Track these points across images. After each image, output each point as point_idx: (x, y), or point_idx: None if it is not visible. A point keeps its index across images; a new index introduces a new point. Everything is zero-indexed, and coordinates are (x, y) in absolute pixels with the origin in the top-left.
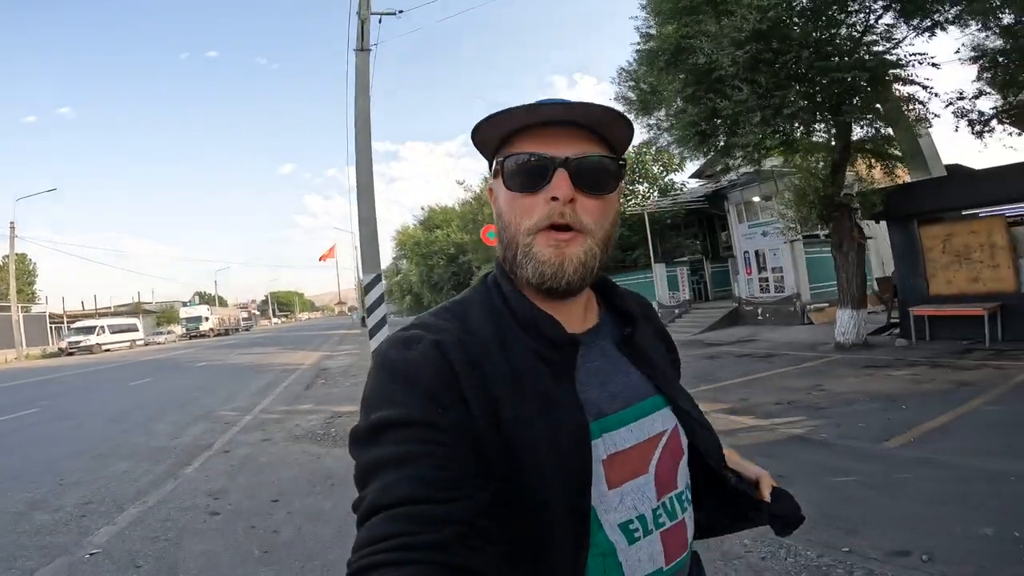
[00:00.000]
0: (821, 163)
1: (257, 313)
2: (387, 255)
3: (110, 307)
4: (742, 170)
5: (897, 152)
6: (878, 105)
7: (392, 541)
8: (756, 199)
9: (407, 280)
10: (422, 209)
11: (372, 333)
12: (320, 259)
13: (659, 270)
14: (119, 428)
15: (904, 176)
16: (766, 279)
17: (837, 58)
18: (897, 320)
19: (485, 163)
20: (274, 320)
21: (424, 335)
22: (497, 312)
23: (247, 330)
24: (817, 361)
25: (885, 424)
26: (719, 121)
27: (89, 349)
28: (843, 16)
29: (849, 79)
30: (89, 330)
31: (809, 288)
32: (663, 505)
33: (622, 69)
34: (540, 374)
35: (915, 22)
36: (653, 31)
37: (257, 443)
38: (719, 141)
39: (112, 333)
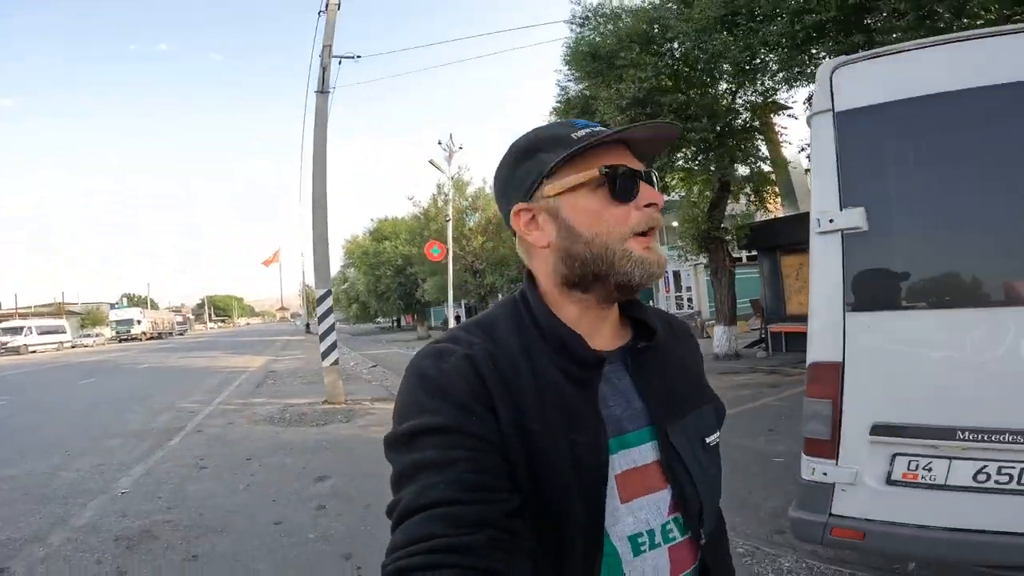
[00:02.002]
0: (701, 202)
1: (192, 317)
2: (336, 263)
3: (31, 307)
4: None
5: (775, 190)
6: (757, 147)
7: (428, 543)
8: (675, 224)
9: (354, 289)
10: (372, 220)
11: (323, 337)
12: (263, 264)
13: None
14: (94, 417)
15: (779, 211)
16: (680, 297)
17: (705, 119)
18: (764, 335)
19: (429, 180)
20: (210, 325)
21: (456, 348)
22: (524, 328)
23: (181, 334)
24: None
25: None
26: None
27: (16, 350)
28: (708, 80)
29: (711, 136)
30: (16, 331)
31: (709, 306)
32: (675, 520)
33: (548, 112)
34: (564, 389)
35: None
36: (571, 86)
37: (224, 425)
38: None
39: (39, 334)
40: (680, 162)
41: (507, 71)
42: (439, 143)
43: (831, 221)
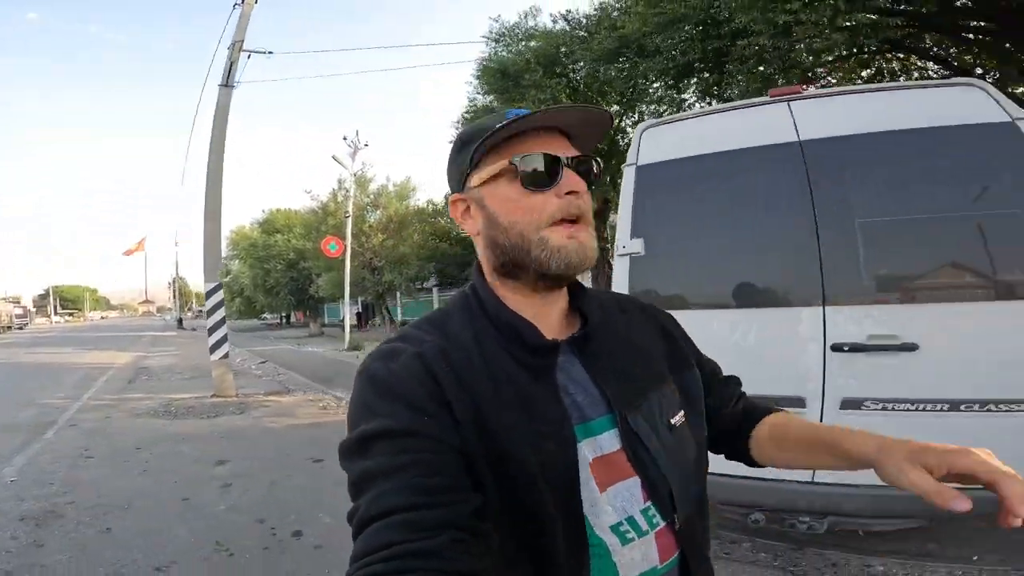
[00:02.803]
0: None
1: (33, 310)
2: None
3: None
4: None
5: None
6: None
7: (388, 550)
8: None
9: (238, 282)
10: (263, 211)
11: (212, 331)
12: (125, 253)
13: None
14: None
15: None
16: None
17: None
18: None
19: (328, 177)
20: (55, 319)
21: (406, 347)
22: (476, 319)
23: (21, 328)
24: None
25: None
26: None
27: None
28: (600, 102)
29: (597, 156)
30: None
31: None
32: (654, 505)
33: (458, 120)
34: (521, 380)
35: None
36: (479, 99)
37: (101, 419)
38: None
39: None
40: None
41: (428, 78)
42: (344, 139)
43: (624, 247)
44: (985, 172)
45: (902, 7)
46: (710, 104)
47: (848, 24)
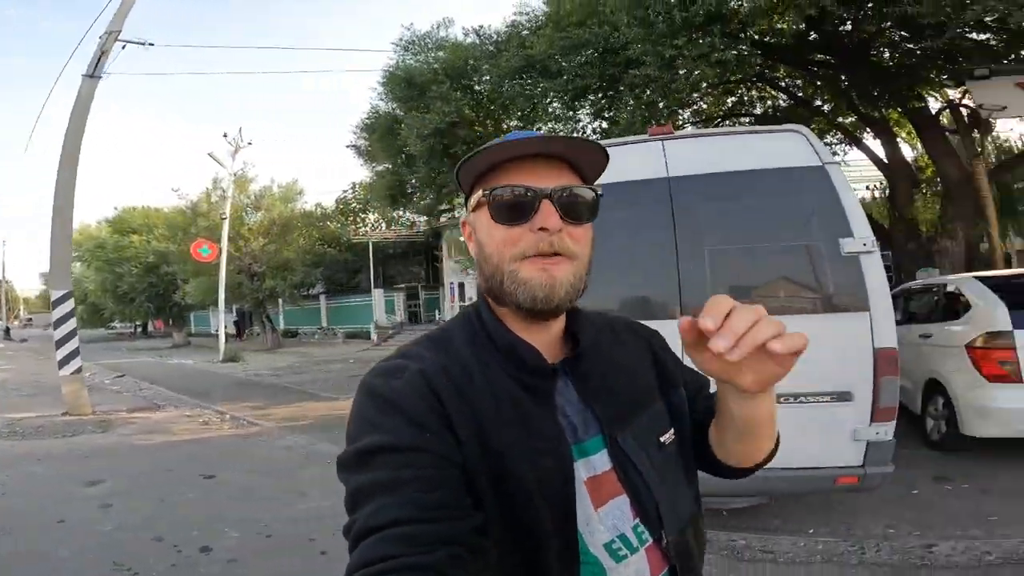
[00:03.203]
0: None
1: None
2: None
3: None
4: (446, 215)
5: None
6: None
7: (383, 564)
8: (462, 238)
9: (81, 287)
10: (116, 209)
11: (61, 344)
12: None
13: (378, 295)
14: None
15: None
16: (465, 306)
17: None
18: None
19: (205, 172)
20: None
21: (408, 364)
22: (478, 340)
23: None
24: None
25: None
26: (407, 188)
27: None
28: (503, 117)
29: None
30: None
31: None
32: (643, 523)
33: (357, 123)
34: (520, 399)
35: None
36: (382, 105)
37: None
38: (410, 201)
39: None
40: None
41: (328, 79)
42: (225, 136)
43: None
44: (802, 208)
45: (766, 39)
46: (601, 124)
47: (720, 58)
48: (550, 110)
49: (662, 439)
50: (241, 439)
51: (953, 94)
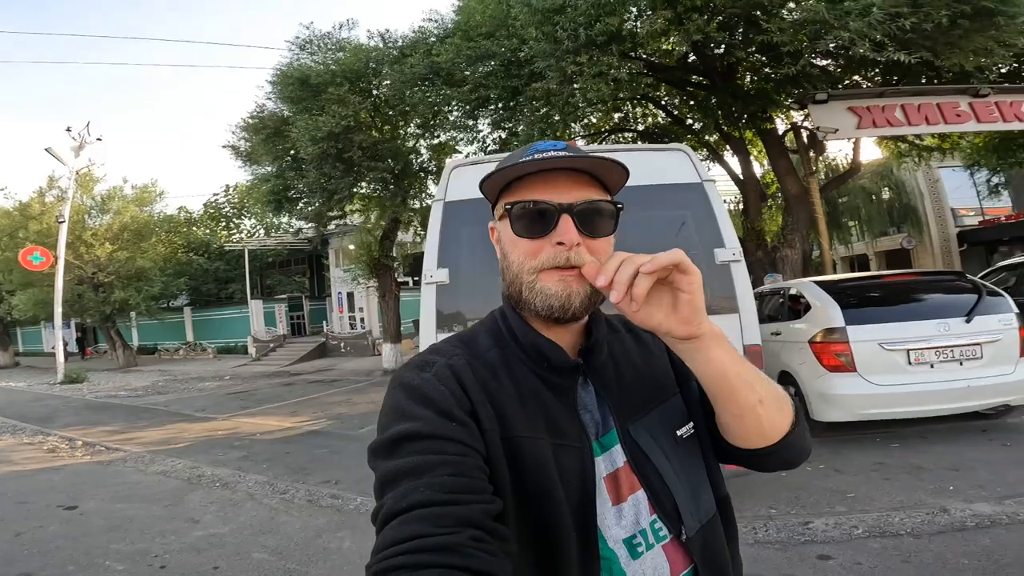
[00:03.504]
0: (375, 230)
1: None
2: None
3: None
4: (335, 222)
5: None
6: (427, 187)
7: (411, 543)
8: (352, 247)
9: None
10: None
11: None
12: None
13: (256, 306)
14: None
15: None
16: (354, 317)
17: (390, 159)
18: None
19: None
20: None
21: (437, 359)
22: (503, 340)
23: None
24: (364, 383)
25: (370, 419)
26: (292, 193)
27: None
28: (401, 123)
29: (390, 176)
30: None
31: (380, 325)
32: (660, 518)
33: (238, 122)
34: (544, 396)
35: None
36: (269, 104)
37: None
38: (295, 206)
39: None
40: (364, 190)
41: (206, 77)
42: (68, 130)
43: (431, 276)
44: (689, 219)
45: (654, 61)
46: (500, 135)
47: (616, 76)
48: (451, 118)
49: (679, 432)
50: (101, 466)
51: (797, 116)
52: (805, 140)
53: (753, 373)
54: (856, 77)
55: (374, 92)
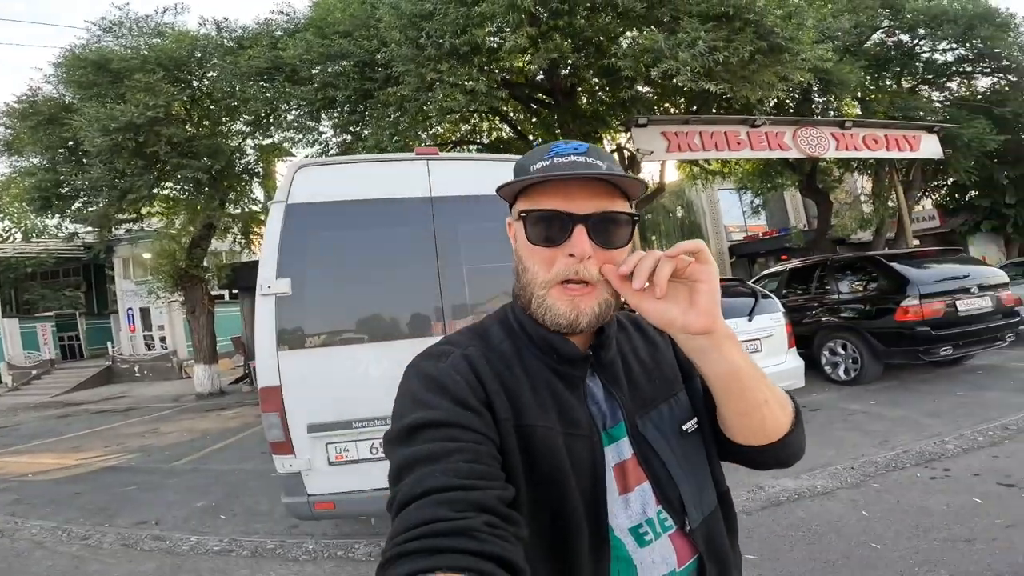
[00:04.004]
0: (181, 236)
1: None
2: None
3: None
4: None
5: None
6: (251, 190)
7: (426, 527)
8: (147, 255)
9: None
10: None
11: None
12: None
13: (10, 325)
14: None
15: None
16: (151, 336)
17: (206, 157)
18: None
19: None
20: None
21: (453, 350)
22: (514, 334)
23: None
24: (172, 410)
25: (185, 449)
26: (67, 189)
27: None
28: (226, 120)
29: (205, 176)
30: None
31: (188, 345)
32: (665, 509)
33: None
34: (555, 387)
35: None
36: (47, 88)
37: None
38: (70, 206)
39: None
40: (167, 191)
41: None
42: None
43: (269, 287)
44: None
45: (505, 76)
46: (345, 139)
47: (473, 88)
48: (290, 117)
49: (684, 427)
50: None
51: (622, 139)
52: (626, 161)
53: (760, 373)
54: (667, 104)
55: (195, 83)
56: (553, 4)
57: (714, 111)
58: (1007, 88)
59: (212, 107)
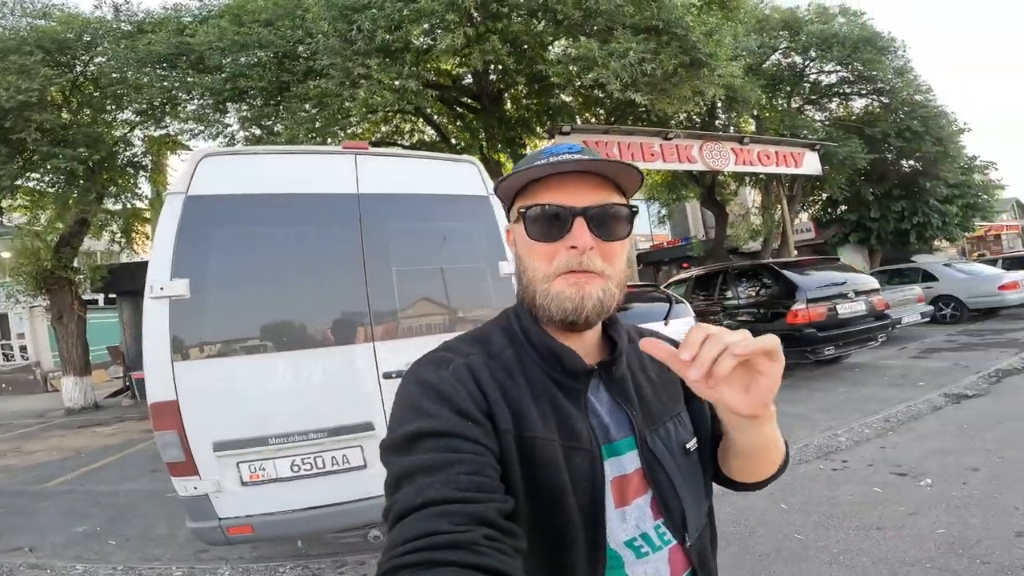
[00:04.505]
0: (47, 234)
1: None
2: None
3: None
4: None
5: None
6: (137, 184)
7: (424, 540)
8: (6, 255)
9: None
10: None
11: None
12: None
13: None
14: None
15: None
16: (9, 346)
17: (84, 147)
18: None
19: None
20: None
21: (454, 357)
22: (517, 341)
23: None
24: (37, 427)
25: (56, 469)
26: None
27: None
28: (112, 107)
29: (81, 167)
30: None
31: (53, 355)
32: (664, 524)
33: None
34: (556, 398)
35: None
36: None
37: None
38: None
39: None
40: (33, 183)
41: None
42: None
43: (161, 289)
44: (474, 233)
45: (433, 77)
46: (253, 132)
47: (403, 86)
48: (190, 107)
49: (687, 445)
50: None
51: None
52: None
53: (777, 438)
54: (587, 114)
55: (78, 67)
56: (493, 6)
57: (629, 122)
58: (879, 110)
59: (96, 94)
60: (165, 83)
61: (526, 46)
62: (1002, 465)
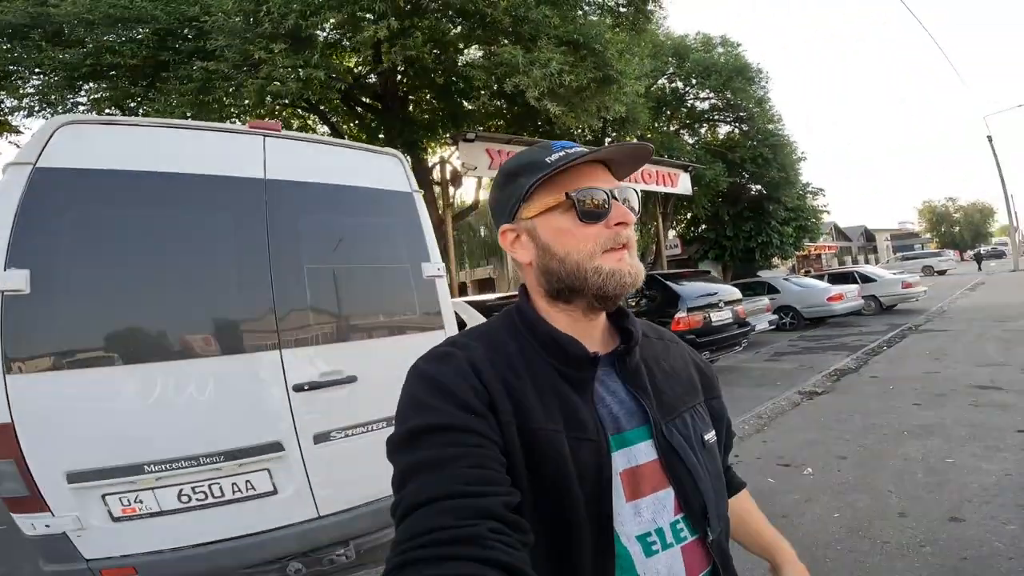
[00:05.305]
0: None
1: None
2: None
3: None
4: None
5: None
6: None
7: (431, 535)
8: None
9: None
10: None
11: None
12: None
13: None
14: None
15: None
16: None
17: None
18: None
19: None
20: None
21: (457, 352)
22: (520, 336)
23: None
24: None
25: None
26: None
27: None
28: None
29: None
30: None
31: None
32: (684, 519)
33: None
34: (561, 389)
35: None
36: None
37: None
38: None
39: None
40: None
41: None
42: None
43: None
44: (396, 230)
45: (333, 74)
46: (112, 115)
47: (310, 76)
48: (32, 83)
49: (706, 437)
50: None
51: (447, 152)
52: (448, 175)
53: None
54: (489, 123)
55: None
56: (424, 2)
57: (527, 135)
58: (739, 136)
59: None
60: (7, 56)
61: (450, 47)
62: (863, 452)
